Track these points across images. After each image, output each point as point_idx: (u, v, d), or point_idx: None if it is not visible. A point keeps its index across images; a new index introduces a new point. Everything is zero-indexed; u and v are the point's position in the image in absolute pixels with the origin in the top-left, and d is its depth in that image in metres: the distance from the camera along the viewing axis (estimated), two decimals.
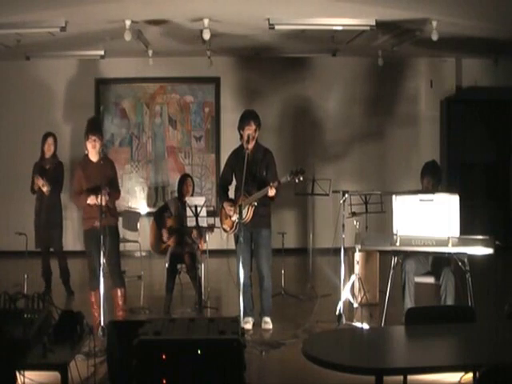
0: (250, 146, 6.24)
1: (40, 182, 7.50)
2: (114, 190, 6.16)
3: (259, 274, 6.38)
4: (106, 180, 6.01)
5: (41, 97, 10.56)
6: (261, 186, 6.16)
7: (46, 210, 7.61)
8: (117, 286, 6.22)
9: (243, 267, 6.26)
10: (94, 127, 6.16)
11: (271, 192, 5.99)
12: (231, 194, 6.46)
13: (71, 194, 6.45)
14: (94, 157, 6.10)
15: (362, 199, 7.63)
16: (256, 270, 6.39)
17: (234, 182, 6.44)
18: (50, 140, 7.70)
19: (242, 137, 6.28)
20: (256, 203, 6.16)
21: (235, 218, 6.22)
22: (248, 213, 6.19)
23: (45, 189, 7.51)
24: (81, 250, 8.17)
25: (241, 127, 6.27)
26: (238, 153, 6.32)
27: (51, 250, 7.79)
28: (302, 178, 6.07)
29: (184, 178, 7.47)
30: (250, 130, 6.21)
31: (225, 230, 6.38)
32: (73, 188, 6.28)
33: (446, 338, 3.58)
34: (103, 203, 5.88)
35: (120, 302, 6.21)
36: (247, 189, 6.17)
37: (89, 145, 6.06)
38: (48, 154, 7.70)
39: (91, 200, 5.95)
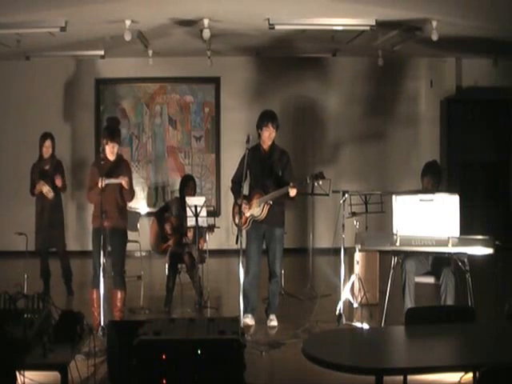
0: (267, 145, 6.39)
1: (45, 188, 7.45)
2: (128, 191, 6.20)
3: (270, 272, 6.46)
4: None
5: (41, 97, 10.55)
6: (278, 185, 6.26)
7: (48, 211, 7.54)
8: (117, 288, 6.24)
9: (253, 265, 6.32)
10: (110, 134, 6.27)
11: (292, 192, 6.09)
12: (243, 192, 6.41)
13: (86, 191, 6.52)
14: (110, 156, 6.24)
15: (362, 199, 7.63)
16: (267, 267, 6.46)
17: (248, 180, 6.46)
18: (48, 143, 7.60)
19: (259, 136, 6.42)
20: (272, 202, 6.24)
21: (249, 213, 6.28)
22: (263, 210, 6.27)
23: (50, 195, 7.47)
24: (80, 250, 8.21)
25: (259, 127, 6.40)
26: (254, 151, 6.36)
27: (53, 250, 7.72)
28: (321, 182, 6.20)
29: (187, 181, 7.45)
30: (267, 131, 6.35)
31: (236, 225, 6.31)
32: (87, 184, 6.39)
33: (445, 338, 3.58)
34: (124, 184, 6.04)
35: (118, 304, 6.22)
36: (264, 187, 6.31)
37: (107, 148, 6.21)
38: (46, 155, 7.64)
39: (100, 182, 5.99)
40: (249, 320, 6.32)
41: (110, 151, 6.20)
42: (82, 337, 4.05)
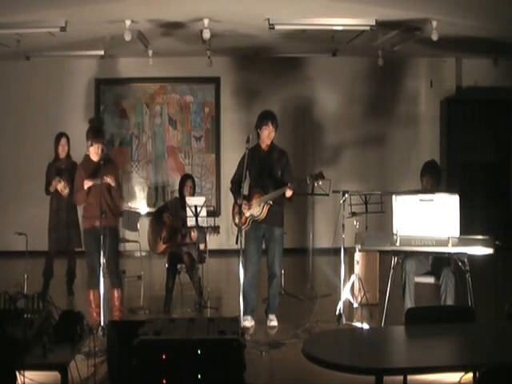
0: (266, 144, 6.39)
1: (61, 185, 7.45)
2: (115, 189, 6.18)
3: (270, 272, 6.46)
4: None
5: (41, 97, 10.55)
6: (277, 185, 6.27)
7: (65, 210, 7.53)
8: (114, 287, 6.24)
9: (252, 265, 6.32)
10: (96, 134, 6.23)
11: (288, 193, 6.10)
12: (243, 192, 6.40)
13: (74, 193, 6.49)
14: (94, 157, 6.18)
15: (362, 199, 7.63)
16: (266, 268, 6.46)
17: (247, 180, 6.44)
18: (63, 140, 7.68)
19: (258, 136, 6.41)
20: (271, 202, 6.25)
21: (249, 213, 6.29)
22: (263, 210, 6.28)
23: (65, 192, 7.46)
24: (80, 250, 8.20)
25: (258, 126, 6.40)
26: (254, 151, 6.35)
27: (62, 250, 7.70)
28: (321, 183, 6.19)
29: (185, 180, 7.44)
30: (267, 130, 6.34)
31: (236, 224, 6.23)
32: (74, 186, 6.35)
33: (445, 338, 3.58)
34: (110, 182, 5.99)
35: (116, 303, 6.23)
36: (263, 186, 6.31)
37: (91, 149, 6.16)
38: (62, 155, 7.67)
39: (87, 183, 6.01)
40: (248, 323, 6.29)
41: (95, 152, 6.14)
42: (82, 337, 4.05)
